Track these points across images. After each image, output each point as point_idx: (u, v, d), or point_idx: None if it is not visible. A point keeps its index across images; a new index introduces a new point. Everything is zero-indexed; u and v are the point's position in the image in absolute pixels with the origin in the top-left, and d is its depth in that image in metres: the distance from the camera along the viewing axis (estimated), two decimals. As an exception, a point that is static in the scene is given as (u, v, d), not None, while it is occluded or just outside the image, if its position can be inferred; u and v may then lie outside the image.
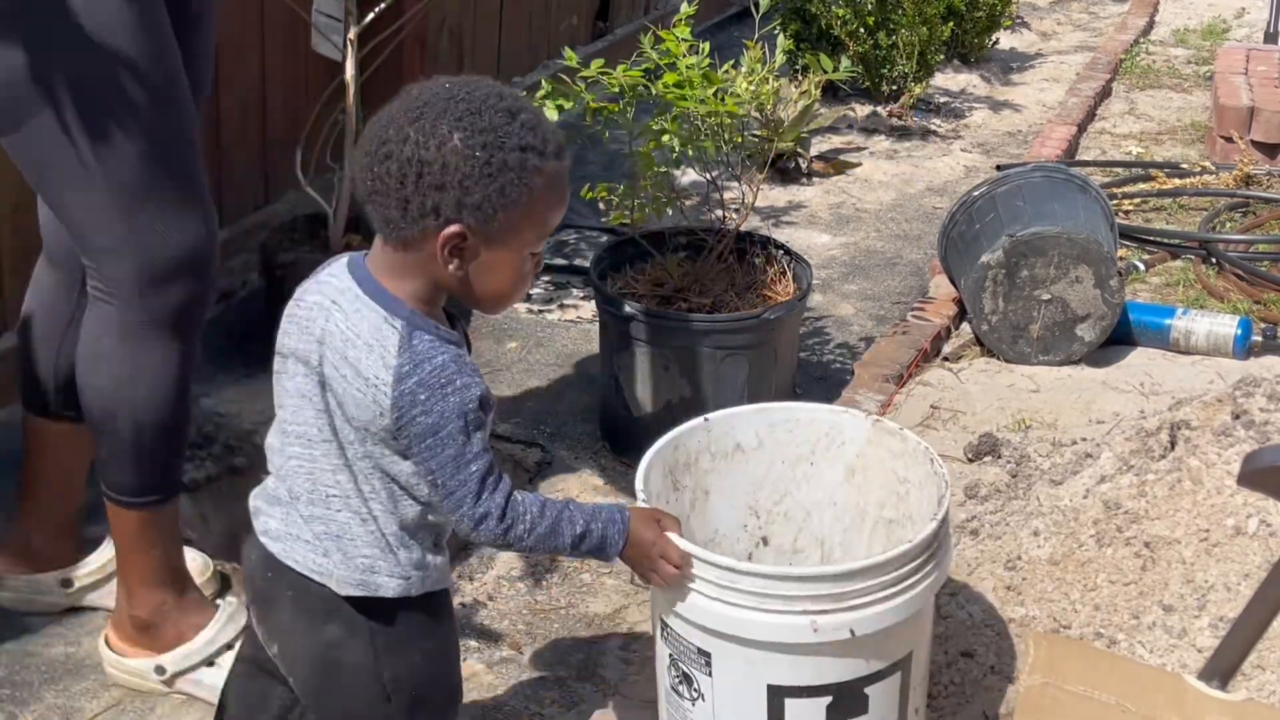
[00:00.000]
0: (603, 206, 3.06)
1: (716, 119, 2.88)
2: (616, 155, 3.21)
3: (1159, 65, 6.11)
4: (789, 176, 4.58)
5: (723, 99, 2.85)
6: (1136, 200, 4.39)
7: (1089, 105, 5.31)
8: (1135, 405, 3.09)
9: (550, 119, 2.89)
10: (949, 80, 5.67)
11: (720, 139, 2.93)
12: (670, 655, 1.89)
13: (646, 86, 2.85)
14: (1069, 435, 2.91)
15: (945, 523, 1.88)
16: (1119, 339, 3.37)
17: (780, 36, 3.44)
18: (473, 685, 2.28)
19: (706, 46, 2.94)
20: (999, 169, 4.27)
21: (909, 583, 1.80)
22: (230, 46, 3.39)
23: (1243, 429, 2.36)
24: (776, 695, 1.82)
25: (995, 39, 5.97)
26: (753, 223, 3.82)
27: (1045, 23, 6.94)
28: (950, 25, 5.33)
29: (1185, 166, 4.59)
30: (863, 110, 5.19)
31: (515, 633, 2.49)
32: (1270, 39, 5.98)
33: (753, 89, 2.94)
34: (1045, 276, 3.25)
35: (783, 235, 3.93)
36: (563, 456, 2.98)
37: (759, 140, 3.09)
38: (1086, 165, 4.61)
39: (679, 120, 2.86)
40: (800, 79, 3.70)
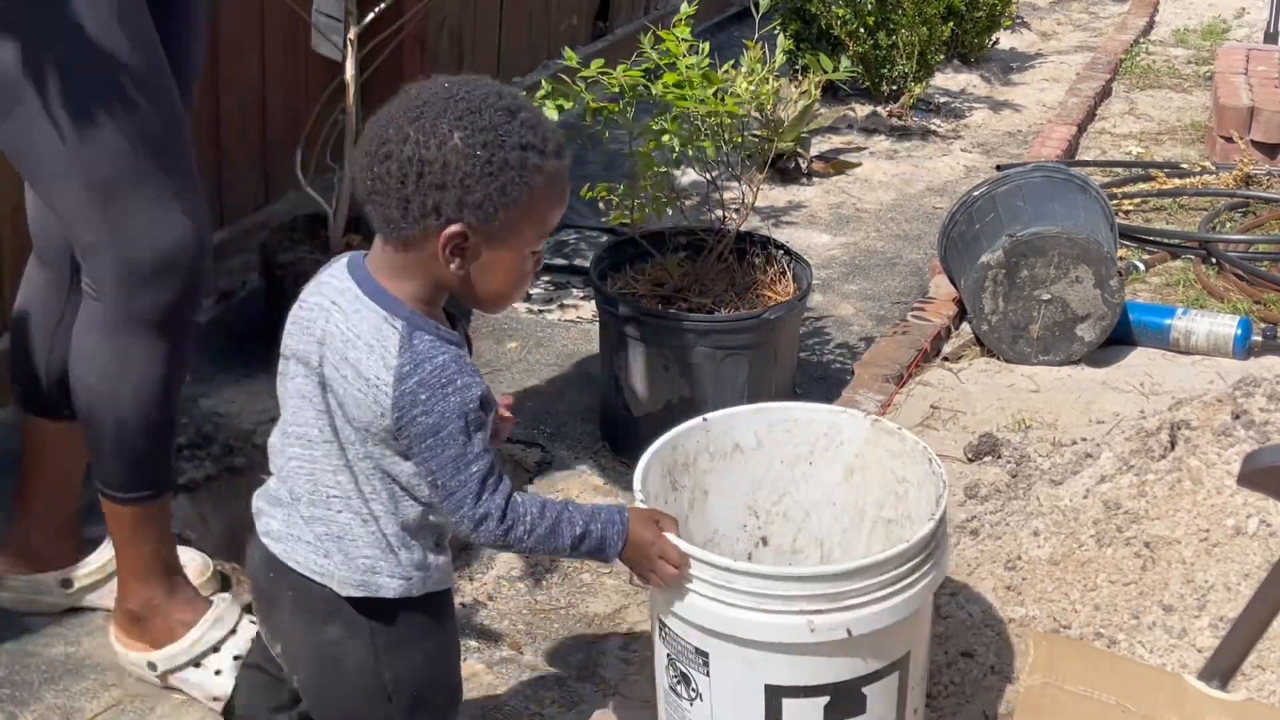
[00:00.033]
0: (603, 206, 3.06)
1: (716, 119, 2.88)
2: (616, 155, 3.21)
3: (1159, 65, 6.11)
4: (789, 176, 4.58)
5: (723, 99, 2.85)
6: (1136, 200, 4.39)
7: (1089, 105, 5.31)
8: (1135, 405, 3.09)
9: (550, 119, 2.89)
10: (949, 80, 5.67)
11: (720, 139, 2.93)
12: (668, 655, 1.89)
13: (646, 86, 2.85)
14: (1069, 435, 2.91)
15: (943, 523, 1.88)
16: (1119, 339, 3.37)
17: (780, 36, 3.44)
18: (473, 685, 2.28)
19: (706, 46, 2.93)
20: (999, 169, 4.27)
21: (906, 583, 1.80)
22: (230, 46, 3.39)
23: (1243, 429, 2.36)
24: (774, 695, 1.82)
25: (995, 39, 5.97)
26: (753, 223, 3.82)
27: (1045, 23, 6.94)
28: (950, 25, 5.33)
29: (1185, 166, 4.59)
30: (863, 110, 5.19)
31: (515, 633, 2.49)
32: (1270, 39, 5.98)
33: (753, 89, 2.94)
34: (1045, 276, 3.25)
35: (783, 235, 3.93)
36: (563, 456, 2.98)
37: (759, 140, 3.09)
38: (1086, 165, 4.61)
39: (679, 120, 2.86)
40: (800, 79, 3.69)
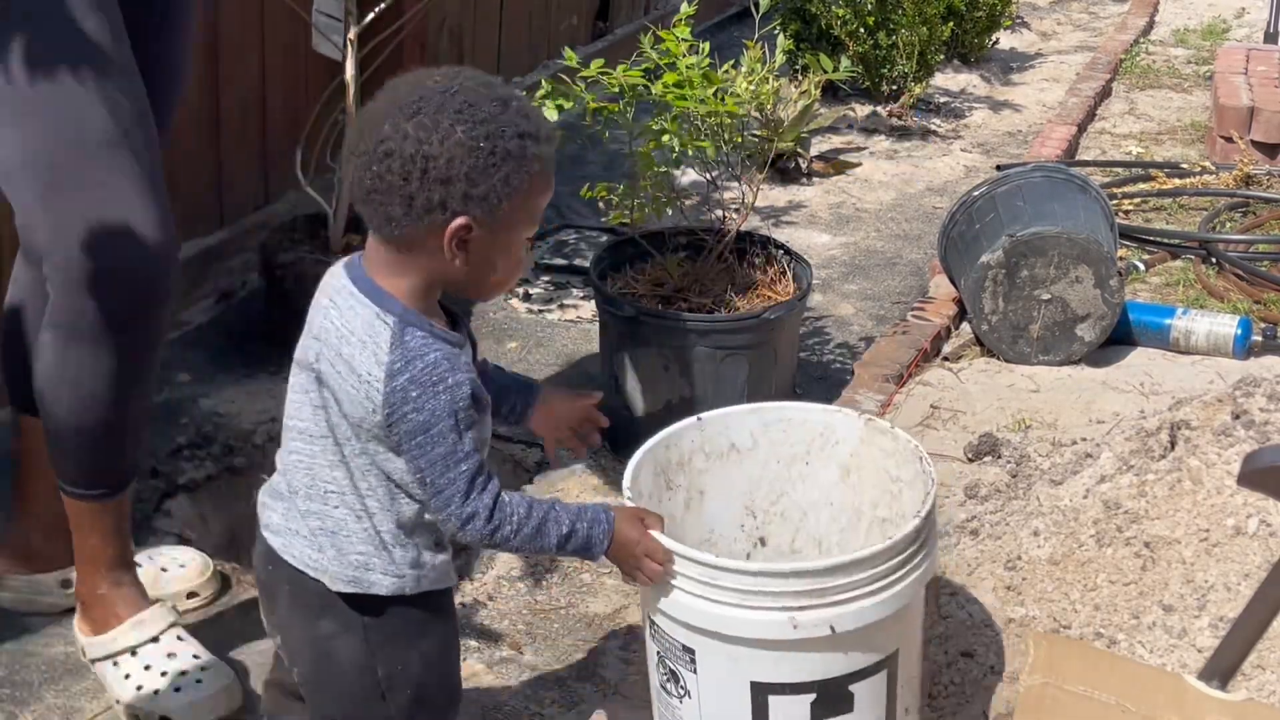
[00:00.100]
0: (603, 206, 3.06)
1: (716, 119, 2.88)
2: (616, 155, 3.20)
3: (1159, 65, 6.11)
4: (789, 176, 4.58)
5: (723, 99, 2.85)
6: (1136, 200, 4.39)
7: (1089, 105, 5.31)
8: (1135, 405, 3.08)
9: (550, 119, 2.89)
10: (949, 80, 5.67)
11: (720, 139, 2.93)
12: (658, 653, 1.89)
13: (646, 86, 2.85)
14: (1069, 435, 2.91)
15: (929, 521, 1.86)
16: (1119, 339, 3.37)
17: (780, 36, 3.44)
18: (473, 685, 2.28)
19: (706, 46, 2.93)
20: (999, 169, 4.27)
21: (890, 580, 1.79)
22: (230, 46, 3.39)
23: (1243, 429, 2.36)
24: (760, 692, 1.82)
25: (995, 39, 5.97)
26: (753, 223, 3.82)
27: (1045, 23, 6.94)
28: (950, 25, 5.33)
29: (1185, 166, 4.59)
30: (863, 110, 5.19)
31: (515, 633, 2.49)
32: (1270, 39, 5.98)
33: (753, 89, 2.94)
34: (1045, 276, 3.25)
35: (783, 235, 3.92)
36: (562, 456, 2.97)
37: (759, 140, 3.09)
38: (1086, 165, 4.61)
39: (679, 120, 2.86)
40: (800, 79, 3.69)
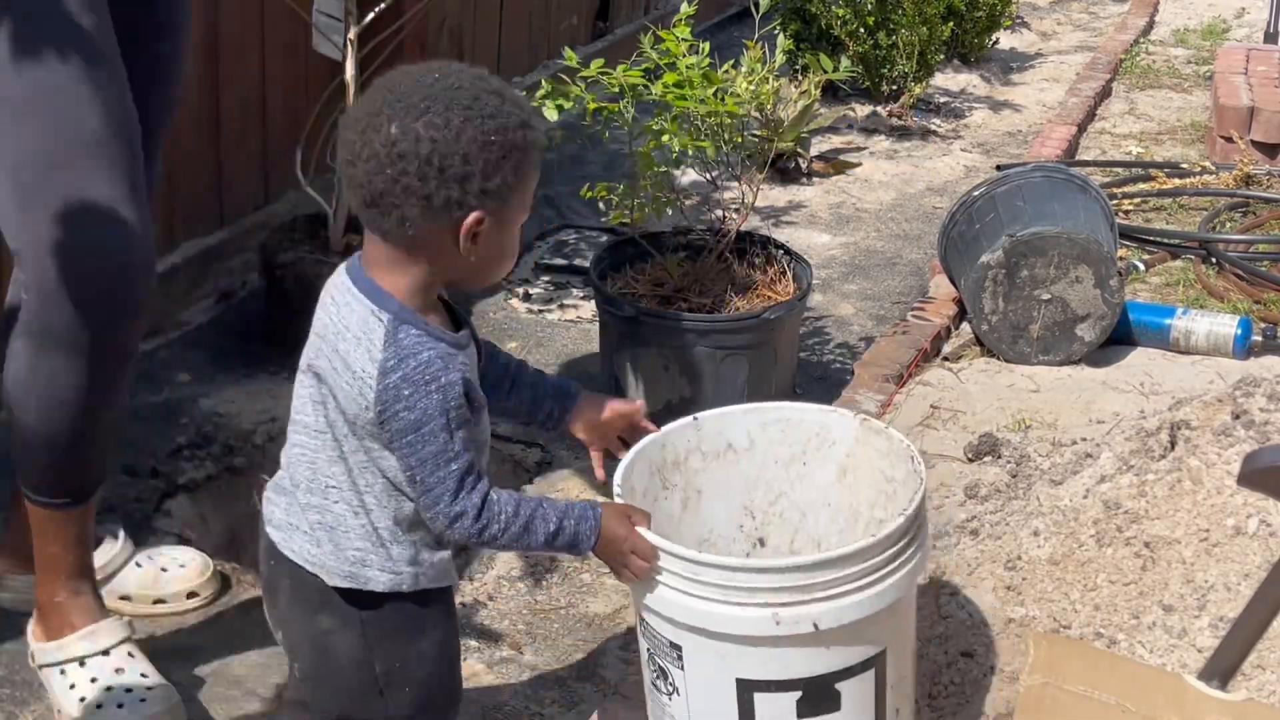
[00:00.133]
0: (603, 207, 3.06)
1: (716, 119, 2.88)
2: (616, 155, 3.21)
3: (1159, 65, 6.11)
4: (789, 176, 4.58)
5: (723, 99, 2.85)
6: (1136, 200, 4.39)
7: (1089, 105, 5.31)
8: (1135, 405, 3.08)
9: (550, 118, 2.89)
10: (949, 80, 5.67)
11: (720, 139, 2.93)
12: (648, 650, 1.90)
13: (646, 86, 2.85)
14: (1069, 435, 2.90)
15: (915, 520, 1.85)
16: (1119, 339, 3.37)
17: (780, 36, 3.44)
18: (473, 685, 2.28)
19: (706, 46, 2.93)
20: (999, 169, 4.27)
21: (874, 578, 1.78)
22: (230, 46, 3.39)
23: (1243, 429, 2.36)
24: (745, 689, 1.82)
25: (995, 39, 5.97)
26: (753, 223, 3.82)
27: (1045, 23, 6.94)
28: (950, 25, 5.33)
29: (1185, 166, 4.59)
30: (863, 110, 5.19)
31: (515, 633, 2.49)
32: (1270, 39, 5.98)
33: (753, 89, 2.94)
34: (1045, 276, 3.25)
35: (783, 235, 3.93)
36: (563, 456, 2.98)
37: (759, 140, 3.09)
38: (1086, 165, 4.61)
39: (679, 120, 2.86)
40: (800, 79, 3.69)
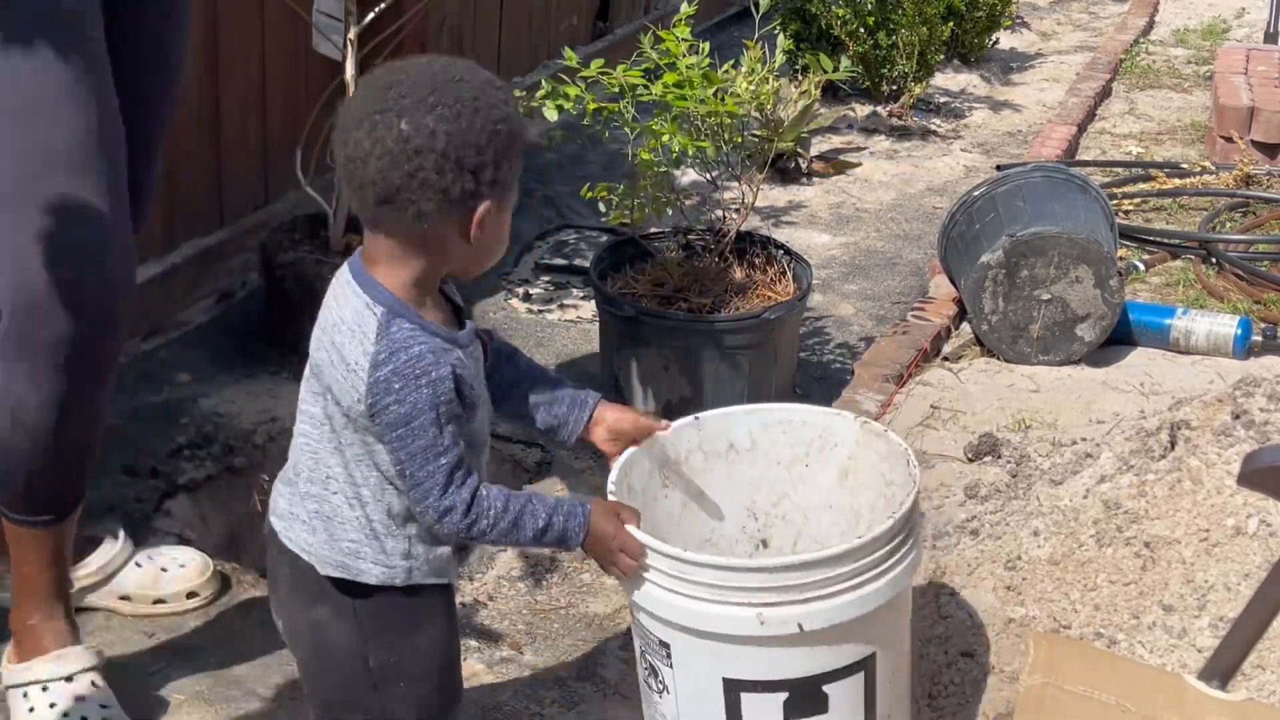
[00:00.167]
0: (603, 207, 3.06)
1: (716, 119, 2.88)
2: (616, 155, 3.21)
3: (1159, 65, 6.10)
4: (789, 176, 4.58)
5: (723, 99, 2.85)
6: (1136, 200, 4.39)
7: (1089, 105, 5.31)
8: (1135, 405, 3.08)
9: (550, 118, 2.89)
10: (949, 80, 5.67)
11: (720, 139, 2.93)
12: (640, 648, 1.90)
13: (646, 86, 2.85)
14: (1069, 435, 2.90)
15: (906, 523, 1.83)
16: (1119, 339, 3.37)
17: (780, 36, 3.44)
18: (473, 685, 2.28)
19: (706, 46, 2.93)
20: (999, 169, 4.27)
21: (860, 580, 1.77)
22: (230, 46, 3.39)
23: (1243, 429, 2.36)
24: (732, 689, 1.82)
25: (995, 39, 5.97)
26: (753, 223, 3.82)
27: (1045, 23, 6.94)
28: (950, 25, 5.33)
29: (1185, 166, 4.59)
30: (863, 110, 5.19)
31: (515, 633, 2.49)
32: (1270, 39, 5.98)
33: (753, 89, 2.94)
34: (1045, 276, 3.25)
35: (783, 235, 3.92)
36: (563, 456, 2.98)
37: (759, 140, 3.09)
38: (1086, 165, 4.61)
39: (679, 120, 2.86)
40: (800, 79, 3.69)
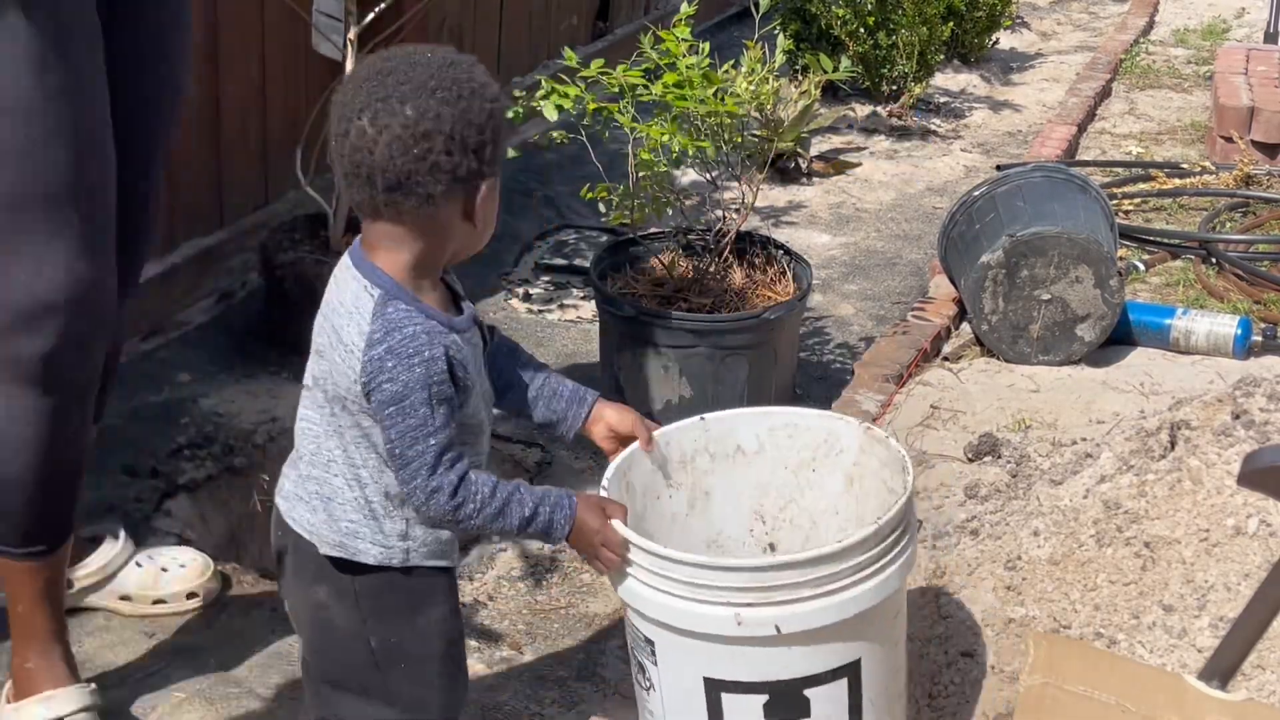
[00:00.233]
0: (603, 207, 3.06)
1: (716, 119, 2.88)
2: (616, 155, 3.20)
3: (1159, 65, 6.11)
4: (789, 176, 4.58)
5: (723, 99, 2.85)
6: (1136, 200, 4.39)
7: (1089, 105, 5.31)
8: (1135, 405, 3.08)
9: (550, 118, 2.89)
10: (949, 80, 5.67)
11: (720, 139, 2.93)
12: (630, 644, 1.91)
13: (646, 86, 2.85)
14: (1069, 435, 2.90)
15: (892, 528, 1.81)
16: (1119, 339, 3.37)
17: (780, 36, 3.44)
18: (473, 685, 2.27)
19: (706, 46, 2.94)
20: (999, 169, 4.27)
21: (840, 585, 1.76)
22: (230, 46, 3.39)
23: (1243, 429, 2.36)
24: (713, 689, 1.82)
25: (995, 39, 5.97)
26: (753, 223, 3.82)
27: (1045, 23, 6.94)
28: (950, 25, 5.33)
29: (1185, 166, 4.59)
30: (863, 110, 5.19)
31: (515, 633, 2.49)
32: (1270, 39, 5.98)
33: (753, 89, 2.94)
34: (1045, 276, 3.25)
35: (783, 235, 3.93)
36: (563, 456, 2.98)
37: (759, 140, 3.09)
38: (1086, 165, 4.61)
39: (679, 120, 2.86)
40: (800, 79, 3.69)
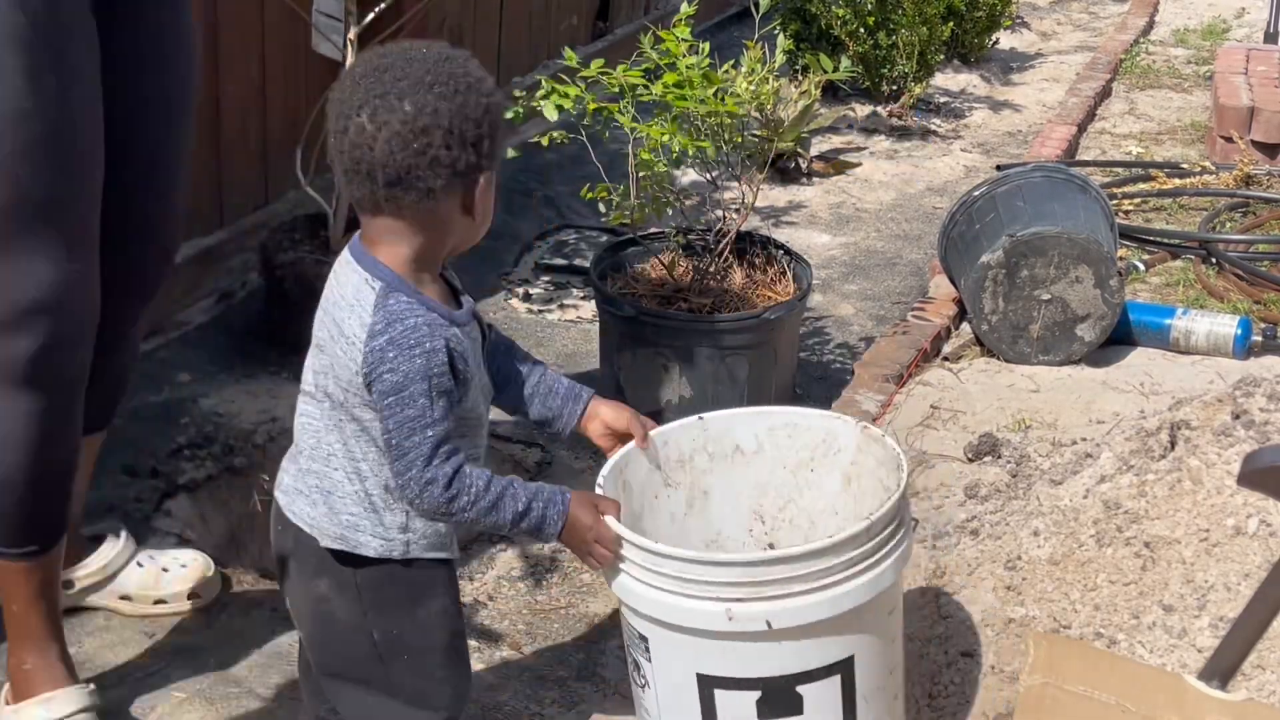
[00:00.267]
0: (603, 207, 3.06)
1: (716, 119, 2.88)
2: (616, 155, 3.20)
3: (1159, 65, 6.11)
4: (789, 176, 4.58)
5: (723, 99, 2.85)
6: (1136, 200, 4.39)
7: (1089, 105, 5.31)
8: (1135, 405, 3.08)
9: (550, 118, 2.89)
10: (949, 80, 5.67)
11: (720, 139, 2.93)
12: (625, 641, 1.91)
13: (646, 86, 2.85)
14: (1069, 435, 2.90)
15: (884, 525, 1.82)
16: (1119, 339, 3.37)
17: (780, 36, 3.44)
18: (473, 684, 2.28)
19: (706, 46, 2.93)
20: (999, 169, 4.27)
21: (829, 581, 1.76)
22: (230, 46, 3.39)
23: (1243, 429, 2.36)
24: (706, 685, 1.82)
25: (995, 39, 5.97)
26: (753, 223, 3.82)
27: (1045, 23, 6.94)
28: (950, 25, 5.33)
29: (1185, 166, 4.59)
30: (863, 110, 5.19)
31: (515, 633, 2.49)
32: (1270, 39, 5.98)
33: (753, 89, 2.94)
34: (1045, 276, 3.25)
35: (783, 235, 3.93)
36: (563, 457, 2.98)
37: (759, 140, 3.09)
38: (1086, 165, 4.61)
39: (679, 120, 2.86)
40: (800, 79, 3.69)
